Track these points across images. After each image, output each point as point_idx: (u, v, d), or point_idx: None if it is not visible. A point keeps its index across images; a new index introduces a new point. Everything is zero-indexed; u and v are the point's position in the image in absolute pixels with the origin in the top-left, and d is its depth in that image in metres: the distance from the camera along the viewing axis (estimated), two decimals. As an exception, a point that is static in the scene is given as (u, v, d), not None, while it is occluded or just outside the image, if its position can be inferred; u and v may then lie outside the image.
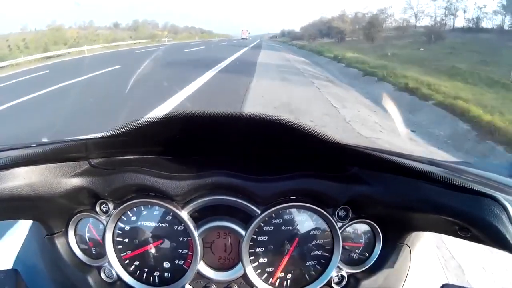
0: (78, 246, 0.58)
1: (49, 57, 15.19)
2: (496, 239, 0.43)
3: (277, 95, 6.02)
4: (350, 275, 0.58)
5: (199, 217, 0.56)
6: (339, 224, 0.56)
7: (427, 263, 0.62)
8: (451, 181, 0.45)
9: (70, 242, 0.57)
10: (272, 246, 0.56)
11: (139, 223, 0.56)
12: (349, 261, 0.59)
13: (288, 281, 0.57)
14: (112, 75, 8.17)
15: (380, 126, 4.52)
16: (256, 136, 0.55)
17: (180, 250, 0.56)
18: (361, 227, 0.58)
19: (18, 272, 0.50)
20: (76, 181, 0.52)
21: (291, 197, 0.55)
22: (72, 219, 0.57)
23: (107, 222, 0.55)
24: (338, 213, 0.56)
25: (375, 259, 0.58)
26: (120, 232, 0.56)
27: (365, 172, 0.55)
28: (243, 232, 0.55)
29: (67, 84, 7.01)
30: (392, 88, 7.53)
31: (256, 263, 0.56)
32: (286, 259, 0.56)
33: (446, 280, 0.50)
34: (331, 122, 4.58)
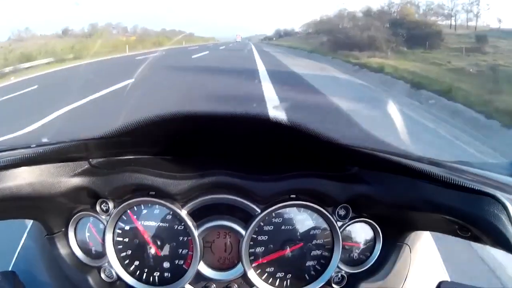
0: (78, 246, 0.58)
1: None
2: (496, 238, 0.43)
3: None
4: (350, 275, 0.58)
5: (199, 217, 0.56)
6: (339, 224, 0.56)
7: (428, 263, 0.62)
8: (451, 180, 0.45)
9: (70, 242, 0.57)
10: (272, 246, 0.56)
11: (139, 223, 0.56)
12: (349, 261, 0.59)
13: (288, 280, 0.57)
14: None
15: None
16: (256, 136, 0.55)
17: (180, 250, 0.56)
18: (361, 227, 0.58)
19: (15, 273, 0.50)
20: (76, 181, 0.52)
21: (291, 196, 0.55)
22: (72, 219, 0.57)
23: (107, 222, 0.55)
24: (338, 212, 0.56)
25: (375, 258, 0.58)
26: (120, 231, 0.56)
27: (365, 172, 0.55)
28: (243, 232, 0.55)
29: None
30: None
31: (256, 263, 0.56)
32: (286, 258, 0.56)
33: (447, 279, 0.50)
34: None
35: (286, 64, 13.14)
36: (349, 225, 0.57)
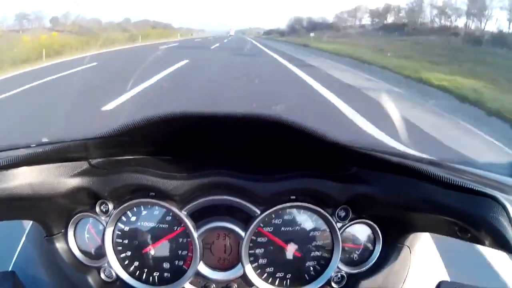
0: (78, 247, 0.58)
1: None
2: (495, 240, 0.43)
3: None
4: (350, 275, 0.58)
5: (198, 218, 0.56)
6: (339, 225, 0.56)
7: (427, 264, 0.62)
8: (451, 181, 0.45)
9: (70, 243, 0.57)
10: (271, 247, 0.56)
11: (138, 224, 0.56)
12: (349, 261, 0.59)
13: (288, 280, 0.57)
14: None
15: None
16: (256, 136, 0.55)
17: (180, 251, 0.56)
18: (361, 228, 0.58)
19: (15, 274, 0.50)
20: (76, 181, 0.52)
21: (291, 197, 0.55)
22: (72, 220, 0.57)
23: (106, 223, 0.55)
24: (338, 213, 0.56)
25: (375, 259, 0.58)
26: (119, 232, 0.56)
27: (365, 172, 0.55)
28: (242, 233, 0.55)
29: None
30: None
31: (256, 264, 0.56)
32: (285, 259, 0.56)
33: (446, 280, 0.50)
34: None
35: None
36: (348, 226, 0.57)
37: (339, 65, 10.20)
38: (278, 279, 0.57)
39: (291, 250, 0.56)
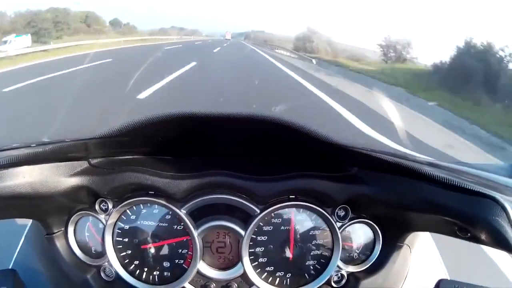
0: (78, 246, 0.58)
1: None
2: (495, 240, 0.43)
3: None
4: (350, 274, 0.59)
5: (198, 217, 0.56)
6: (339, 224, 0.57)
7: (427, 263, 0.62)
8: (451, 181, 0.45)
9: (70, 242, 0.57)
10: (271, 246, 0.56)
11: (138, 222, 0.56)
12: (349, 261, 0.59)
13: (288, 280, 0.57)
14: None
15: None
16: (256, 136, 0.55)
17: (180, 250, 0.56)
18: (361, 227, 0.59)
19: (16, 272, 0.50)
20: (76, 180, 0.52)
21: (291, 197, 0.55)
22: (72, 218, 0.57)
23: (106, 221, 0.55)
24: (337, 212, 0.56)
25: (374, 258, 0.59)
26: (119, 231, 0.56)
27: (364, 173, 0.55)
28: (242, 232, 0.55)
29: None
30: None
31: (256, 263, 0.56)
32: (285, 258, 0.56)
33: (446, 278, 0.50)
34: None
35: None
36: (348, 225, 0.58)
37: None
38: (278, 278, 0.57)
39: (291, 249, 0.56)
